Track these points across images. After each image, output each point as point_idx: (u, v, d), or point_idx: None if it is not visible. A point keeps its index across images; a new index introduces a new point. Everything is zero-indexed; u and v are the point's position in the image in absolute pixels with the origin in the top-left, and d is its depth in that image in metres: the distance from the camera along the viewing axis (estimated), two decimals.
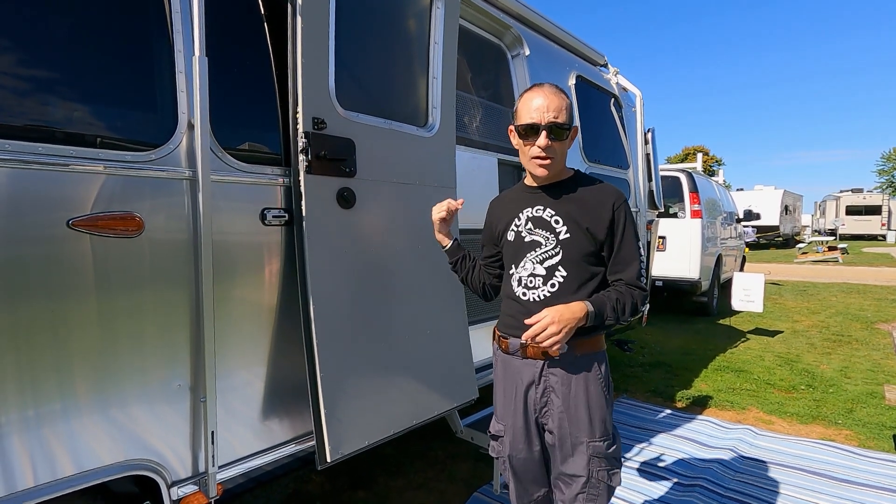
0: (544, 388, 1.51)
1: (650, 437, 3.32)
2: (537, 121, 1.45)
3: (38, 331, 1.20)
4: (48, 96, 1.23)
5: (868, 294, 9.32)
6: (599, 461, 1.49)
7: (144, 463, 1.39)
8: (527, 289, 1.53)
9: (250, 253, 1.61)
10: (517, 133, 1.52)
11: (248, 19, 1.66)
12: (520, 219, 1.57)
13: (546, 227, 1.52)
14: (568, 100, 1.50)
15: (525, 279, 1.54)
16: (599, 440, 1.49)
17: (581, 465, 1.49)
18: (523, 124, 1.48)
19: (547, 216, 1.52)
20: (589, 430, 1.48)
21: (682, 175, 6.95)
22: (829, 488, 2.67)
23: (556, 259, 1.50)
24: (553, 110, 1.45)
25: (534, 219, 1.54)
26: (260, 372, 1.66)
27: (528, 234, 1.54)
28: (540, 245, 1.52)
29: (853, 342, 5.79)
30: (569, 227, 1.49)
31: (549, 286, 1.50)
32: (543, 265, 1.51)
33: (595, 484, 1.49)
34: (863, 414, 3.69)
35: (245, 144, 1.62)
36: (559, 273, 1.49)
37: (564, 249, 1.49)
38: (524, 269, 1.54)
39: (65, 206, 1.23)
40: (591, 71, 3.76)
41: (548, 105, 1.45)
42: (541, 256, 1.52)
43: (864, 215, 28.48)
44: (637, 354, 5.23)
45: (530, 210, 1.56)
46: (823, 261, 16.29)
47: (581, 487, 1.49)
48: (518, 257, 1.56)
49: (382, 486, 2.69)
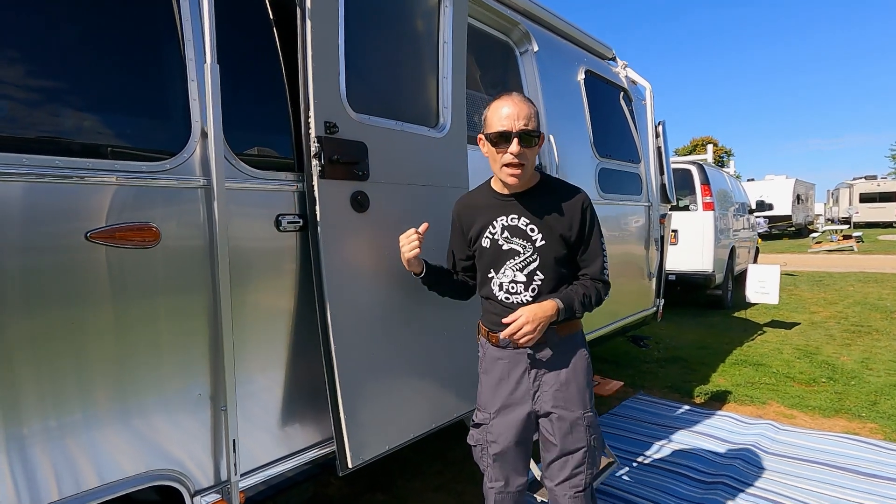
0: (536, 372, 1.63)
1: (669, 434, 3.28)
2: (508, 128, 1.50)
3: (60, 343, 1.20)
4: (63, 109, 1.23)
5: (886, 283, 9.16)
6: (592, 430, 1.63)
7: (168, 473, 1.39)
8: (510, 294, 1.63)
9: (266, 260, 1.61)
10: (488, 141, 1.57)
11: (257, 25, 1.65)
12: (494, 227, 1.64)
13: (522, 236, 1.61)
14: (535, 107, 1.57)
15: (507, 285, 1.63)
16: (591, 411, 1.64)
17: (581, 437, 1.61)
18: (494, 132, 1.53)
19: (522, 225, 1.61)
20: (581, 403, 1.62)
21: (693, 167, 6.87)
22: (856, 483, 2.62)
23: (534, 265, 1.60)
24: (523, 118, 1.50)
25: (509, 227, 1.62)
26: (279, 379, 1.65)
27: (506, 242, 1.62)
28: (518, 254, 1.61)
29: (873, 332, 5.69)
30: (543, 234, 1.59)
31: (530, 291, 1.61)
32: (523, 272, 1.61)
33: (592, 452, 1.63)
34: (887, 406, 3.62)
35: (258, 151, 1.62)
36: (538, 277, 1.60)
37: (541, 255, 1.59)
38: (504, 276, 1.63)
39: (82, 219, 1.22)
40: (600, 65, 3.72)
41: (517, 113, 1.50)
42: (520, 264, 1.61)
43: (879, 202, 27.98)
44: (652, 350, 5.18)
45: (505, 219, 1.63)
46: (838, 250, 16.04)
47: (582, 457, 1.61)
48: (497, 264, 1.64)
49: (401, 488, 2.69)
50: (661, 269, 4.29)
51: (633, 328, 4.11)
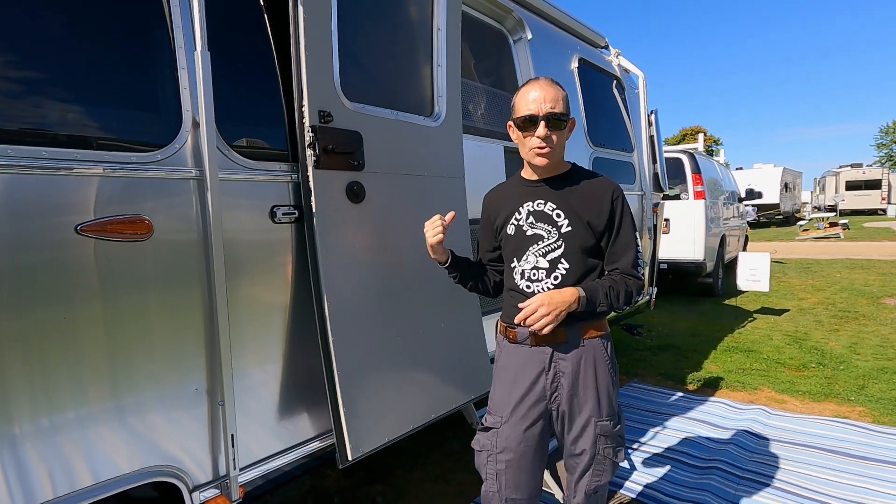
0: (555, 373, 1.54)
1: (663, 420, 3.32)
2: (535, 112, 1.47)
3: (52, 339, 1.17)
4: (48, 99, 1.19)
5: (872, 269, 9.30)
6: (606, 440, 1.55)
7: (166, 469, 1.38)
8: (531, 281, 1.55)
9: (261, 251, 1.58)
10: (516, 126, 1.54)
11: (248, 12, 1.61)
12: (520, 213, 1.59)
13: (548, 221, 1.55)
14: (564, 91, 1.52)
15: (528, 272, 1.56)
16: (606, 419, 1.55)
17: (588, 443, 1.54)
18: (521, 116, 1.50)
19: (548, 210, 1.55)
20: (597, 409, 1.54)
21: (685, 156, 6.90)
22: (847, 465, 2.67)
23: (558, 252, 1.53)
24: (550, 101, 1.47)
25: (535, 212, 1.56)
26: (276, 372, 1.63)
27: (530, 227, 1.56)
28: (542, 238, 1.55)
29: (860, 318, 5.78)
30: (570, 220, 1.53)
31: (552, 279, 1.53)
32: (546, 258, 1.54)
33: (601, 460, 1.56)
34: (875, 390, 3.69)
35: (251, 141, 1.58)
36: (562, 265, 1.52)
37: (567, 242, 1.52)
38: (527, 263, 1.56)
39: (72, 212, 1.19)
40: (593, 53, 3.69)
41: (544, 96, 1.47)
42: (543, 249, 1.54)
43: (864, 190, 28.38)
44: (645, 338, 5.22)
45: (531, 204, 1.57)
46: (825, 237, 16.26)
47: (588, 464, 1.55)
48: (520, 251, 1.58)
49: (400, 478, 2.69)
50: (654, 257, 4.31)
51: (627, 317, 4.13)
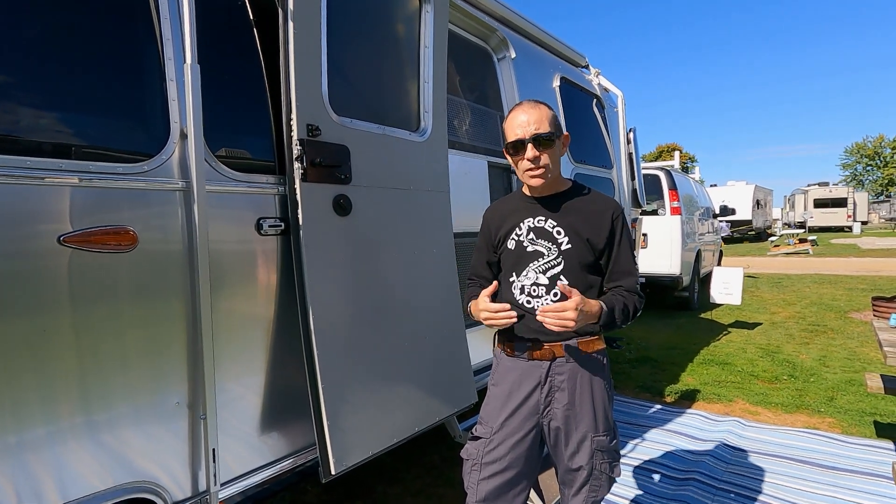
0: (550, 387, 1.55)
1: (642, 432, 3.36)
2: (521, 136, 1.51)
3: (32, 351, 1.14)
4: (35, 108, 1.18)
5: (839, 284, 9.64)
6: (602, 455, 1.55)
7: (142, 485, 1.34)
8: (530, 297, 1.57)
9: (247, 264, 1.57)
10: (506, 152, 1.58)
11: (237, 25, 1.62)
12: (521, 228, 1.60)
13: (548, 238, 1.56)
14: (550, 110, 1.55)
15: (528, 288, 1.57)
16: (603, 435, 1.55)
17: (585, 459, 1.54)
18: (511, 142, 1.54)
19: (549, 227, 1.57)
20: (593, 424, 1.54)
21: (662, 173, 7.09)
22: (817, 475, 2.75)
23: (558, 269, 1.54)
24: (534, 123, 1.50)
25: (535, 229, 1.58)
26: (259, 385, 1.62)
27: (531, 244, 1.58)
28: (542, 255, 1.56)
29: (829, 332, 5.98)
30: (570, 237, 1.54)
31: (552, 295, 1.54)
32: (546, 275, 1.55)
33: (598, 476, 1.56)
34: (843, 402, 3.81)
35: (239, 153, 1.59)
36: (561, 282, 1.52)
37: (566, 259, 1.54)
38: (526, 279, 1.57)
39: (55, 222, 1.18)
40: (574, 72, 3.80)
41: (528, 119, 1.51)
42: (543, 266, 1.56)
43: (831, 207, 29.50)
44: (623, 351, 5.30)
45: (531, 220, 1.59)
46: (795, 253, 16.81)
47: (585, 479, 1.55)
48: (519, 266, 1.59)
49: (381, 493, 2.66)
50: None
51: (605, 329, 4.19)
